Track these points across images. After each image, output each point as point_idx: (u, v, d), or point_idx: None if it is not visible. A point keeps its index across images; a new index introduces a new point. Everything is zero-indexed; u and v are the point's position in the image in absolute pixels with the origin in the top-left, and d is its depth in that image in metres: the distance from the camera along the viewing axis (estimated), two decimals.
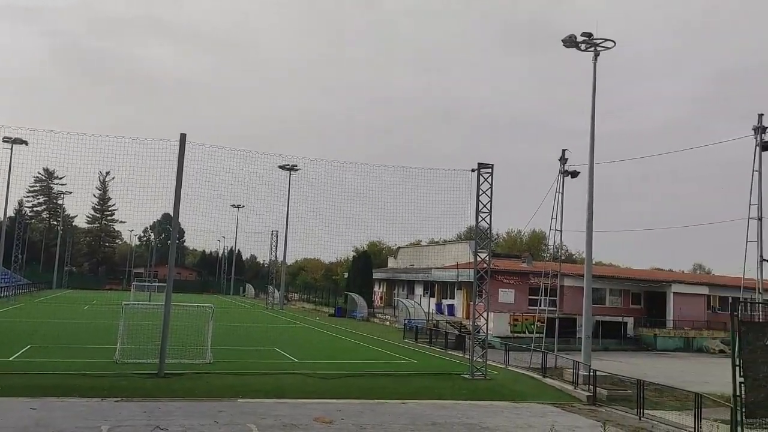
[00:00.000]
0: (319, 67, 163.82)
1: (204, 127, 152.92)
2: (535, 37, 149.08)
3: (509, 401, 19.34)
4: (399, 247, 68.72)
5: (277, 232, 66.08)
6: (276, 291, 68.33)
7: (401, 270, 62.91)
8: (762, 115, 28.55)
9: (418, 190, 27.73)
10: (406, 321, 40.73)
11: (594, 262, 64.78)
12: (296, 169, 47.79)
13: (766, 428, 10.34)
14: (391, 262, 70.82)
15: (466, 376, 23.28)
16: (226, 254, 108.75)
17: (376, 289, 66.44)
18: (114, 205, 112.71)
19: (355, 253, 71.81)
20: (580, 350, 24.68)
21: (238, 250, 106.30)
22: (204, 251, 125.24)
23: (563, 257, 60.52)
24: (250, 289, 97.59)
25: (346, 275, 70.31)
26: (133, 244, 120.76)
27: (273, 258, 70.54)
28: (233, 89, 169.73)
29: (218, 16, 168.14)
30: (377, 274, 65.99)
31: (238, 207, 58.48)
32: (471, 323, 27.14)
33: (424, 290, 55.83)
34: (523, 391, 21.28)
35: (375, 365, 25.49)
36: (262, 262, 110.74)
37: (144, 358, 21.29)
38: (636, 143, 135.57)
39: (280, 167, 46.08)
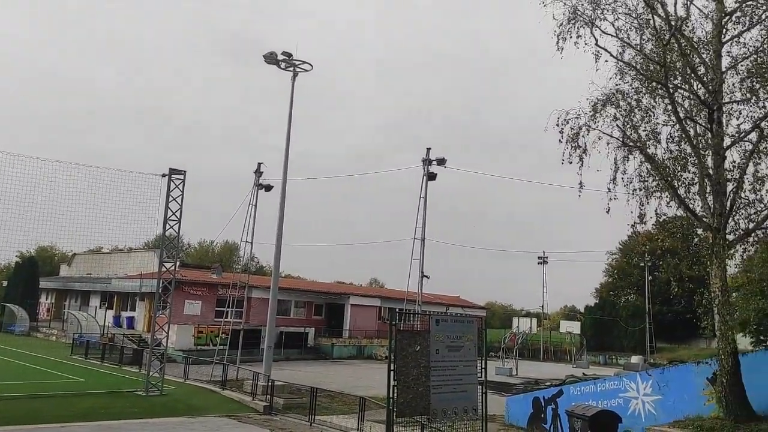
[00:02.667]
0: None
1: None
2: (249, 51, 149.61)
3: (185, 416, 18.64)
4: (75, 254, 62.01)
5: None
6: None
7: (75, 279, 56.84)
8: (430, 149, 32.82)
9: (102, 191, 25.38)
10: (76, 335, 36.79)
11: (283, 275, 66.65)
12: None
13: (412, 425, 11.71)
14: (64, 270, 63.57)
15: (141, 393, 21.87)
16: None
17: (42, 299, 58.92)
18: None
19: (19, 259, 62.56)
20: (263, 361, 25.09)
21: None
22: None
23: (254, 269, 61.17)
24: None
25: (5, 284, 60.78)
26: None
27: None
28: None
29: None
30: (45, 284, 58.61)
31: None
32: (150, 336, 25.63)
33: (101, 301, 51.15)
34: (200, 405, 20.72)
35: (32, 386, 22.34)
36: None
37: None
38: (334, 164, 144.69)
39: None
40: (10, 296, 53.03)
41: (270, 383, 21.57)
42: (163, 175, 24.06)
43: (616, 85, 14.98)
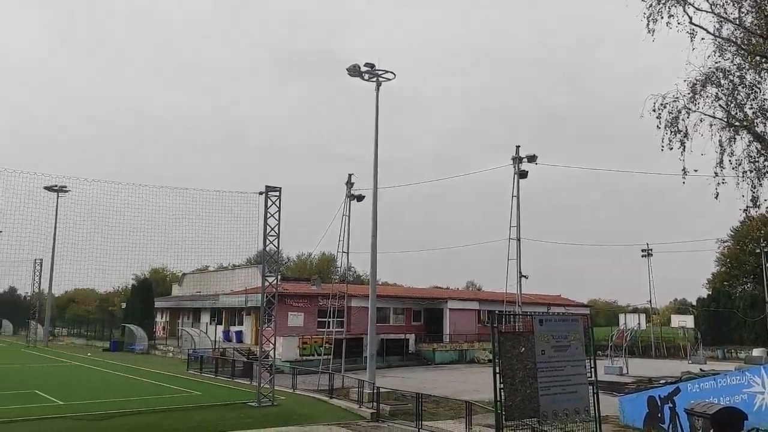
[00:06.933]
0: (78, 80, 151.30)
1: None
2: (318, 66, 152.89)
3: (296, 425, 19.19)
4: (184, 274, 65.39)
5: (42, 260, 59.06)
6: (39, 326, 60.88)
7: (186, 297, 59.90)
8: (519, 146, 32.27)
9: (205, 213, 26.80)
10: (191, 351, 38.71)
11: (380, 283, 67.31)
12: (65, 191, 43.49)
13: (523, 429, 11.49)
14: (176, 290, 67.14)
15: (253, 404, 22.69)
16: None
17: (158, 318, 62.46)
18: None
19: (135, 282, 66.78)
20: (367, 369, 25.41)
21: None
22: None
23: (351, 278, 62.16)
24: (7, 325, 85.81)
25: (124, 305, 65.04)
26: None
27: (37, 290, 62.85)
28: None
29: None
30: (160, 303, 62.14)
31: None
32: (259, 349, 26.57)
33: (211, 318, 53.67)
34: (310, 414, 21.27)
35: (153, 401, 23.71)
36: (23, 295, 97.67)
37: None
38: (411, 168, 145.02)
39: (46, 188, 41.45)
40: (129, 317, 56.67)
41: (375, 390, 21.82)
42: (260, 193, 24.98)
43: (716, 63, 14.17)
